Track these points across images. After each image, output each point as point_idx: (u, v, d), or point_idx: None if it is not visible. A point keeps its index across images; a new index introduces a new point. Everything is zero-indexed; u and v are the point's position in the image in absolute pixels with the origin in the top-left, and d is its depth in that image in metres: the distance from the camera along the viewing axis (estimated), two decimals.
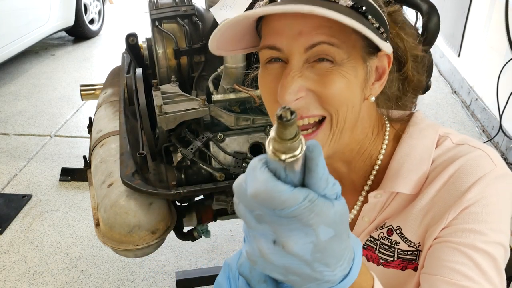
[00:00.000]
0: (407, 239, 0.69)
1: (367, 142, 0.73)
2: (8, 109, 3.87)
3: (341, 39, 0.60)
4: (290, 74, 0.60)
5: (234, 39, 0.67)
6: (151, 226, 1.38)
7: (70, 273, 2.21)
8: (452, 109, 3.74)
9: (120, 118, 1.71)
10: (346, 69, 0.61)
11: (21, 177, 2.95)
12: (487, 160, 0.66)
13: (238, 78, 1.56)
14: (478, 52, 3.58)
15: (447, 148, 0.69)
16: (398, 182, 0.69)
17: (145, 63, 1.93)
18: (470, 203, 0.63)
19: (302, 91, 0.61)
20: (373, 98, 0.67)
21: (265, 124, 1.54)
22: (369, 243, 0.74)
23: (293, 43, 0.60)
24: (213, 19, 1.73)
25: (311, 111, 0.62)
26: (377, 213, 0.73)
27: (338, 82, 0.61)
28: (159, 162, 1.55)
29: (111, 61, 4.11)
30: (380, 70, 0.68)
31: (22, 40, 4.35)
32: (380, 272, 0.73)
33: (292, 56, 0.61)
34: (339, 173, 0.76)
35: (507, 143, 3.04)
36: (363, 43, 0.63)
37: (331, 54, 0.60)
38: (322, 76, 0.61)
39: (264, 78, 0.66)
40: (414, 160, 0.69)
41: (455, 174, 0.66)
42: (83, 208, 2.66)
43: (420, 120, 0.74)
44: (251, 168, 0.40)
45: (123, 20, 6.32)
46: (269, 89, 0.65)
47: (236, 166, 1.47)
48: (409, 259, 0.70)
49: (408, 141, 0.71)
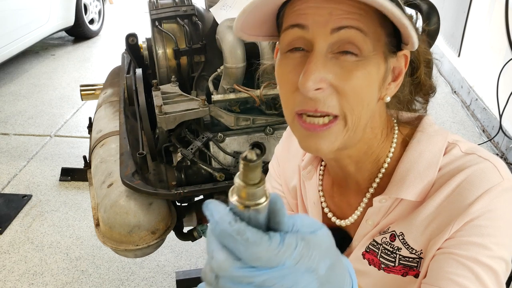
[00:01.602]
0: (409, 246, 0.69)
1: (375, 144, 0.72)
2: (8, 109, 3.87)
3: (369, 29, 0.59)
4: (315, 60, 0.59)
5: (255, 24, 0.66)
6: (151, 226, 1.38)
7: (70, 273, 2.21)
8: (452, 109, 3.74)
9: (120, 118, 1.71)
10: (370, 65, 0.60)
11: (21, 177, 2.95)
12: (494, 172, 0.64)
13: (238, 78, 1.56)
14: (478, 52, 3.58)
15: (455, 157, 0.68)
16: (404, 189, 0.68)
17: (145, 63, 1.93)
18: (476, 216, 0.62)
19: (324, 82, 0.59)
20: (388, 98, 0.67)
21: (265, 124, 1.54)
22: (372, 247, 0.74)
23: (320, 22, 0.58)
24: (213, 19, 1.74)
25: (327, 107, 0.60)
26: (381, 217, 0.72)
27: (361, 77, 0.60)
28: (159, 162, 1.55)
29: (111, 61, 4.11)
30: (397, 71, 0.67)
31: (22, 40, 4.35)
32: (381, 277, 0.73)
33: (317, 38, 0.59)
34: (346, 171, 0.75)
35: (507, 143, 3.04)
36: (386, 40, 0.62)
37: (358, 42, 0.59)
38: (345, 69, 0.60)
39: (282, 67, 0.64)
40: (420, 167, 0.69)
41: (461, 184, 0.65)
42: (83, 208, 2.66)
43: (429, 125, 0.73)
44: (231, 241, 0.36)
45: (123, 20, 6.32)
46: (287, 79, 0.63)
47: (236, 166, 1.47)
48: (411, 265, 0.70)
49: (416, 147, 0.71)
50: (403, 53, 0.66)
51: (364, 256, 0.75)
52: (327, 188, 0.82)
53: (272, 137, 1.54)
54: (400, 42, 0.64)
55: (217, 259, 0.37)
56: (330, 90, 0.60)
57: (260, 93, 1.48)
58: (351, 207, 0.78)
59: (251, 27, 0.66)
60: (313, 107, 0.60)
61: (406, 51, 0.66)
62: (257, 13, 0.62)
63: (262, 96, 1.48)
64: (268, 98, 1.50)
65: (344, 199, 0.79)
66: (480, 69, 3.53)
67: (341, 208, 0.80)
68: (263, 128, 1.54)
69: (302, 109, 0.62)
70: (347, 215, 0.78)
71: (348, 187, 0.78)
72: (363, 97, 0.61)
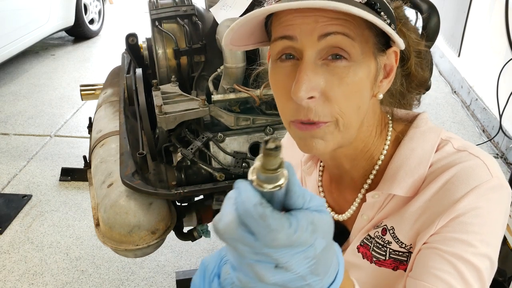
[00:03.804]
0: (399, 240, 0.70)
1: (371, 141, 0.73)
2: (8, 109, 3.87)
3: (355, 33, 0.60)
4: (305, 69, 0.60)
5: (244, 35, 0.67)
6: (151, 226, 1.38)
7: (70, 273, 2.21)
8: (452, 109, 3.74)
9: (120, 118, 1.71)
10: (360, 69, 0.61)
11: (21, 177, 2.95)
12: (483, 170, 0.65)
13: (238, 78, 1.56)
14: (478, 52, 3.58)
15: (447, 153, 0.69)
16: (395, 185, 0.70)
17: (145, 63, 1.93)
18: (462, 212, 0.63)
19: (315, 90, 0.60)
20: (381, 95, 0.68)
21: (265, 124, 1.54)
22: (366, 241, 0.75)
23: (307, 30, 0.59)
24: (213, 19, 1.74)
25: (319, 117, 0.62)
26: (376, 212, 0.74)
27: (352, 84, 0.61)
28: (159, 162, 1.55)
29: (111, 61, 4.11)
30: (388, 68, 0.68)
31: (22, 40, 4.35)
32: (372, 270, 0.74)
33: (306, 47, 0.60)
34: (342, 169, 0.77)
35: (507, 143, 3.04)
36: (374, 40, 0.63)
37: (346, 47, 0.60)
38: (336, 76, 0.61)
39: (275, 75, 0.66)
40: (412, 164, 0.70)
41: (450, 180, 0.65)
42: (83, 208, 2.66)
43: (423, 122, 0.74)
44: (255, 215, 0.39)
45: (123, 20, 6.32)
46: (281, 86, 0.64)
47: (236, 166, 1.47)
48: (400, 259, 0.71)
49: (408, 144, 0.72)
50: (393, 50, 0.67)
51: (358, 250, 0.76)
52: (326, 183, 0.84)
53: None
54: (389, 39, 0.64)
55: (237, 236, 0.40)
56: (321, 99, 0.61)
57: (260, 93, 1.48)
58: (348, 203, 0.79)
59: (241, 39, 0.67)
60: (305, 116, 0.62)
61: (395, 48, 0.67)
62: (245, 27, 0.64)
63: (262, 96, 1.48)
64: (268, 98, 1.50)
65: (341, 195, 0.81)
66: (480, 69, 3.53)
67: (339, 204, 0.82)
68: (263, 128, 1.54)
69: (296, 119, 0.63)
70: (344, 210, 0.80)
71: (344, 184, 0.80)
72: (354, 101, 0.63)
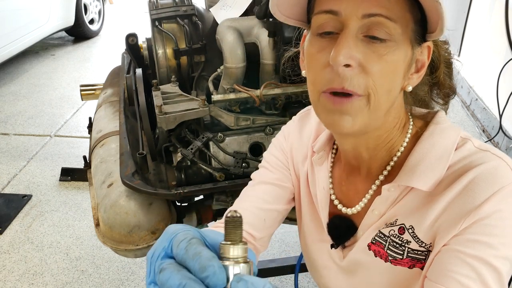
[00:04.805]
0: (419, 239, 0.69)
1: (393, 133, 0.73)
2: (8, 109, 3.87)
3: (397, 15, 0.61)
4: (346, 37, 0.61)
5: (289, 2, 0.68)
6: (151, 226, 1.38)
7: (70, 273, 2.21)
8: (452, 109, 3.74)
9: (120, 118, 1.71)
10: (398, 50, 0.62)
11: (21, 177, 2.95)
12: (507, 171, 0.65)
13: (238, 78, 1.56)
14: (478, 52, 3.58)
15: (468, 151, 0.69)
16: (414, 178, 0.69)
17: (145, 63, 1.93)
18: (486, 215, 0.62)
19: (353, 60, 0.61)
20: (410, 87, 0.69)
21: (265, 124, 1.54)
22: (378, 238, 0.74)
23: (352, 7, 0.61)
24: (213, 19, 1.74)
25: (353, 86, 0.62)
26: (388, 207, 0.73)
27: (390, 62, 0.62)
28: (159, 162, 1.55)
29: (111, 61, 4.11)
30: (420, 64, 0.69)
31: (22, 40, 4.35)
32: (387, 269, 0.74)
33: (350, 20, 0.61)
34: (360, 159, 0.77)
35: (507, 143, 3.04)
36: (414, 27, 0.64)
37: (387, 28, 0.61)
38: (376, 53, 0.62)
39: (312, 48, 0.67)
40: (432, 158, 0.69)
41: (474, 180, 0.65)
42: (83, 208, 2.66)
43: (443, 120, 0.75)
44: None
45: (123, 20, 6.32)
46: (317, 57, 0.65)
47: (236, 166, 1.47)
48: (419, 258, 0.70)
49: (429, 139, 0.72)
50: (427, 44, 0.68)
51: (369, 248, 0.76)
52: (336, 175, 0.84)
53: (272, 137, 1.54)
54: (425, 32, 0.65)
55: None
56: (358, 70, 0.62)
57: (260, 93, 1.48)
58: (359, 195, 0.79)
59: (285, 4, 0.68)
60: (340, 85, 0.62)
61: (430, 43, 0.68)
62: None
63: (262, 96, 1.48)
64: (268, 98, 1.50)
65: (352, 186, 0.80)
66: (480, 69, 3.53)
67: (348, 197, 0.81)
68: (263, 128, 1.54)
69: (329, 87, 0.63)
70: (354, 204, 0.79)
71: (359, 174, 0.79)
72: (388, 81, 0.63)
